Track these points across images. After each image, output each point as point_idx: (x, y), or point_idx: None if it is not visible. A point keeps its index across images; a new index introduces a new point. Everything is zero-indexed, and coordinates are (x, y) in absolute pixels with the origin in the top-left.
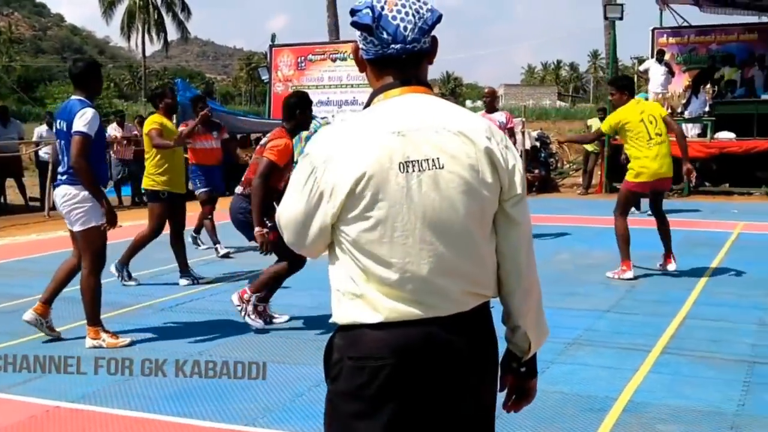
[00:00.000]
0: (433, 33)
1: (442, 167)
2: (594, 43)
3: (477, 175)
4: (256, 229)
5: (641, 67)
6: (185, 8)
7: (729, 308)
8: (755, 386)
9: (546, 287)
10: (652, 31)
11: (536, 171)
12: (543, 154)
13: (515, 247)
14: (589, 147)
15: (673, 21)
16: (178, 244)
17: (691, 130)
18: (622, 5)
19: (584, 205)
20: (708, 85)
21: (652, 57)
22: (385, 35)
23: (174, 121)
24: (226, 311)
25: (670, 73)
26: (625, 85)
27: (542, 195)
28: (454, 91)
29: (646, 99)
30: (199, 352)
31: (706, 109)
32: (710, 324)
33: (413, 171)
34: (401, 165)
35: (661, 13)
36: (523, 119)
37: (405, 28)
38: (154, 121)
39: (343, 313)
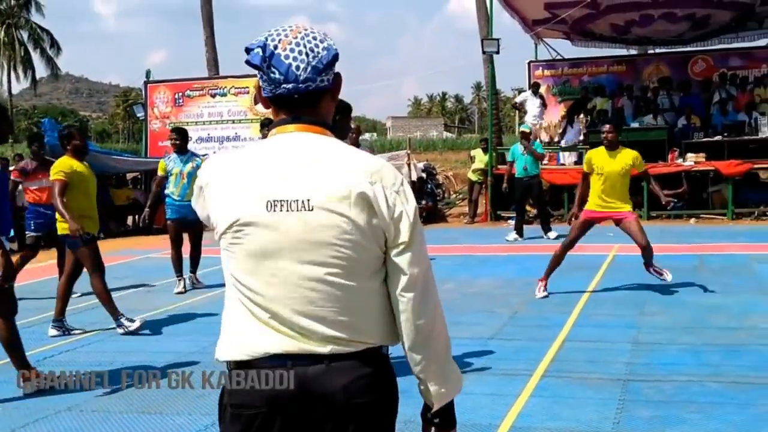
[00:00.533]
0: (336, 71)
1: (311, 209)
2: (477, 75)
3: (348, 219)
4: None
5: (518, 100)
6: (54, 44)
7: (605, 329)
8: (629, 403)
9: None
10: (528, 64)
11: (424, 202)
12: (430, 185)
13: (403, 297)
14: (473, 177)
15: (548, 54)
16: (66, 286)
17: (568, 158)
18: (498, 40)
19: (470, 233)
20: (582, 115)
21: (530, 88)
22: (277, 75)
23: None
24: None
25: (544, 105)
26: None
27: (430, 225)
28: None
29: (529, 130)
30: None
31: (581, 137)
32: (588, 345)
33: (282, 210)
34: (270, 203)
35: (536, 47)
36: (408, 151)
37: (297, 68)
38: (60, 169)
39: (220, 349)
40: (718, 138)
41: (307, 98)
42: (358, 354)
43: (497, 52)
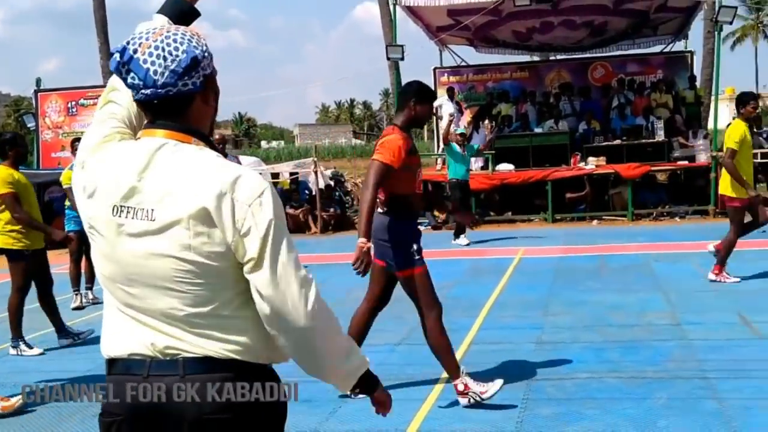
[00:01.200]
0: (210, 72)
1: (154, 219)
2: (385, 81)
3: (188, 231)
4: (360, 240)
5: (435, 103)
6: None
7: (511, 330)
8: (532, 402)
9: (343, 326)
10: (434, 70)
11: (331, 210)
12: (338, 193)
13: (264, 315)
14: None
15: (453, 60)
16: (48, 304)
17: (475, 164)
18: (402, 46)
19: None
20: (487, 121)
21: (436, 95)
22: (136, 80)
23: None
24: None
25: (459, 110)
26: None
27: (339, 233)
28: (248, 131)
29: (463, 133)
30: None
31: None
32: (493, 347)
33: (126, 216)
34: (116, 208)
35: (441, 53)
36: (315, 159)
37: (155, 72)
38: (5, 180)
39: (101, 345)
40: (617, 142)
41: (169, 103)
42: (218, 365)
43: (402, 59)
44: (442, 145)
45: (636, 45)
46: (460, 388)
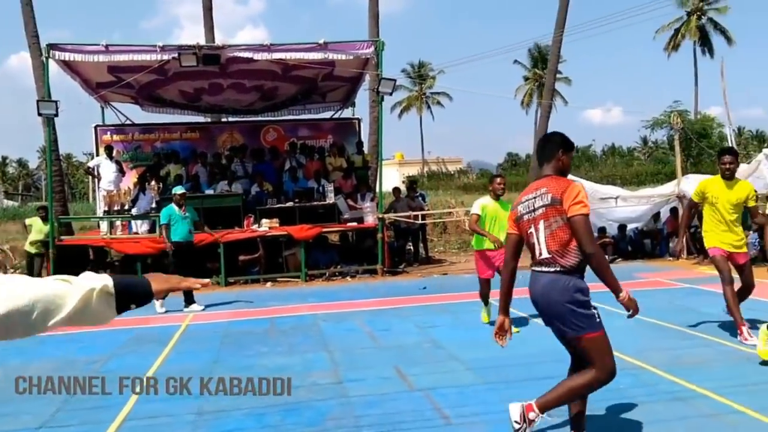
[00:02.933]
0: None
1: None
2: (41, 138)
3: None
4: (622, 294)
5: (91, 163)
6: None
7: (170, 402)
8: None
9: None
10: (95, 128)
11: None
12: None
13: None
14: (31, 249)
15: (117, 118)
16: None
17: (141, 227)
18: (56, 102)
19: None
20: (153, 182)
21: (98, 154)
22: None
23: None
24: None
25: (121, 171)
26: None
27: None
28: None
29: (184, 191)
30: None
31: (154, 205)
32: (151, 421)
33: None
34: None
35: (102, 111)
36: None
37: None
38: None
39: None
40: (290, 204)
41: None
42: None
43: (56, 115)
44: (103, 208)
45: (307, 110)
46: None
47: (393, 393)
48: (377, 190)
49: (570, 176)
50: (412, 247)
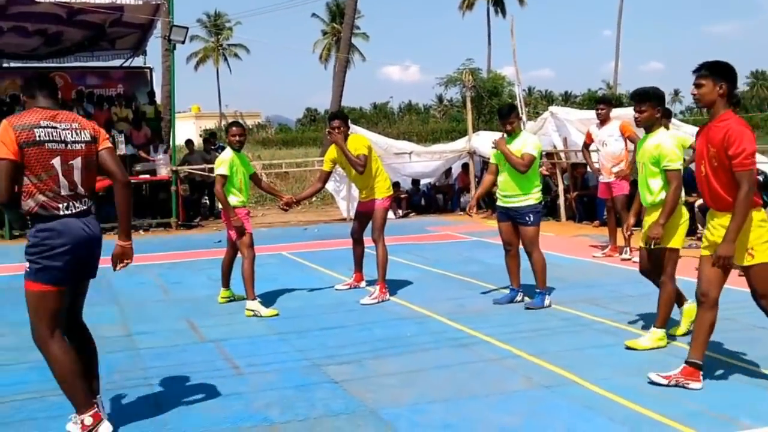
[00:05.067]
0: None
1: None
2: None
3: None
4: None
5: None
6: None
7: None
8: None
9: None
10: None
11: None
12: None
13: None
14: None
15: None
16: None
17: None
18: None
19: None
20: None
21: None
22: None
23: None
24: None
25: None
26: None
27: None
28: None
29: None
30: None
31: None
32: None
33: None
34: None
35: None
36: None
37: None
38: None
39: None
40: None
41: None
42: None
43: None
44: None
45: (95, 57)
46: None
47: (183, 345)
48: (171, 142)
49: (362, 131)
50: (207, 201)
